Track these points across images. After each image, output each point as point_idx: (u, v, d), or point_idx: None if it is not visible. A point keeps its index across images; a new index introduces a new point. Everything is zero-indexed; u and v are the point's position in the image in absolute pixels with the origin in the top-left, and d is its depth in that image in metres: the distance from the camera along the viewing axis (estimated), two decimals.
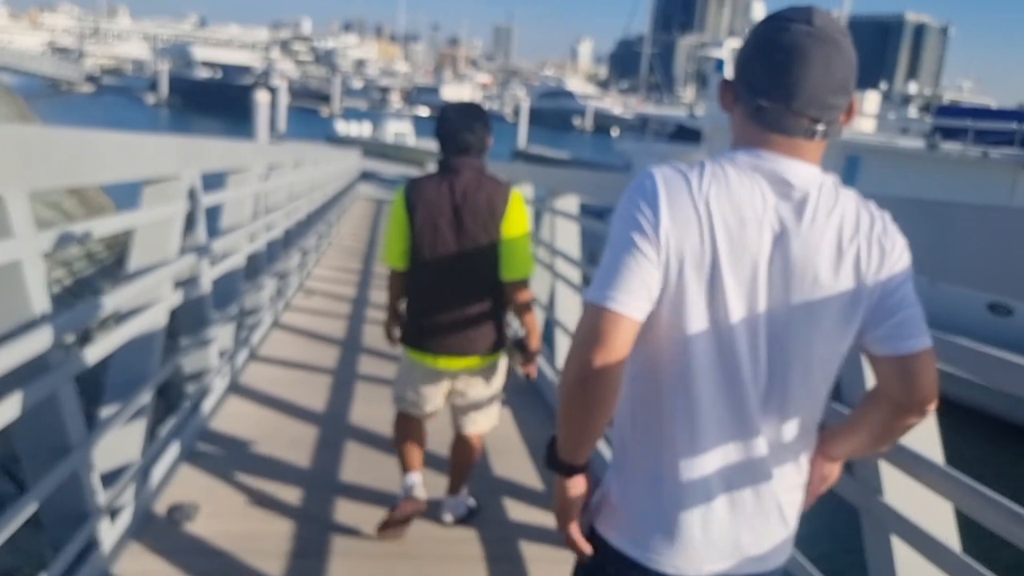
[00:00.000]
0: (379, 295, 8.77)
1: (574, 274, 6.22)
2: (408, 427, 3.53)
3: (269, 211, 6.74)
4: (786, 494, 1.54)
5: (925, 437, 2.22)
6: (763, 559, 1.54)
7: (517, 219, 3.28)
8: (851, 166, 20.38)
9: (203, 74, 75.92)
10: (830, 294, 1.40)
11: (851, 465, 2.33)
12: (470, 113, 3.32)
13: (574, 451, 1.50)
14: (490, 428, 3.57)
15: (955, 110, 23.07)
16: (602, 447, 4.00)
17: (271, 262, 6.84)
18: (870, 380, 2.27)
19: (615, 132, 55.26)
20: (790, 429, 1.50)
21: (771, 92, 1.41)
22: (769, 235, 1.38)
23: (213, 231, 5.06)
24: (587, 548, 1.58)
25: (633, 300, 1.36)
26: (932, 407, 1.47)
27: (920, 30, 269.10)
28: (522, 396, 5.56)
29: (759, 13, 29.92)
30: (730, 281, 1.38)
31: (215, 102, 64.74)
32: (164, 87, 77.72)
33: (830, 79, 1.38)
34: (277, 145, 14.14)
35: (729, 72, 1.57)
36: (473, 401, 3.45)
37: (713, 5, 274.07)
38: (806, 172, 1.41)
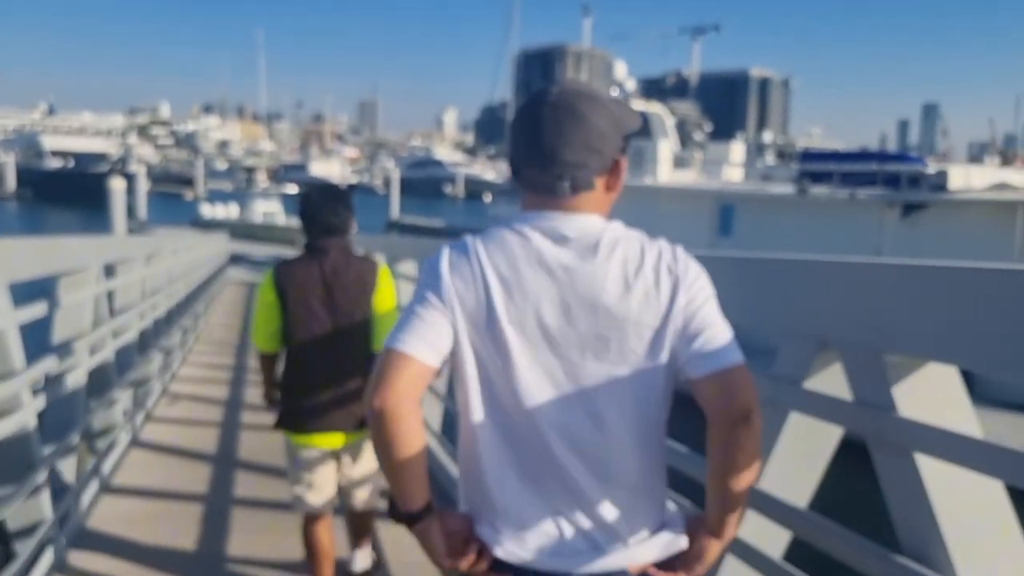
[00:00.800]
0: (254, 393, 7.87)
1: None
2: (314, 535, 3.50)
3: (117, 313, 5.85)
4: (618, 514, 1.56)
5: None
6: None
7: (387, 293, 3.46)
8: (726, 215, 20.70)
9: (54, 164, 72.22)
10: (624, 325, 1.49)
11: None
12: (333, 196, 3.45)
13: (401, 496, 1.52)
14: (376, 500, 3.63)
15: (818, 155, 23.92)
16: None
17: (124, 371, 5.87)
18: None
19: (488, 198, 55.49)
20: (623, 460, 1.54)
21: (519, 158, 1.57)
22: (548, 281, 1.49)
23: (41, 347, 4.20)
24: (482, 566, 1.58)
25: (418, 342, 1.48)
26: (755, 417, 1.48)
27: (765, 84, 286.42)
28: None
29: (621, 72, 30.59)
30: (510, 327, 1.50)
31: (69, 193, 61.24)
32: (11, 180, 73.45)
33: (564, 139, 1.50)
34: (127, 237, 13.07)
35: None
36: (358, 477, 3.51)
37: (571, 68, 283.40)
38: (582, 222, 1.53)
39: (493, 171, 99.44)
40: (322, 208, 3.38)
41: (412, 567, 3.97)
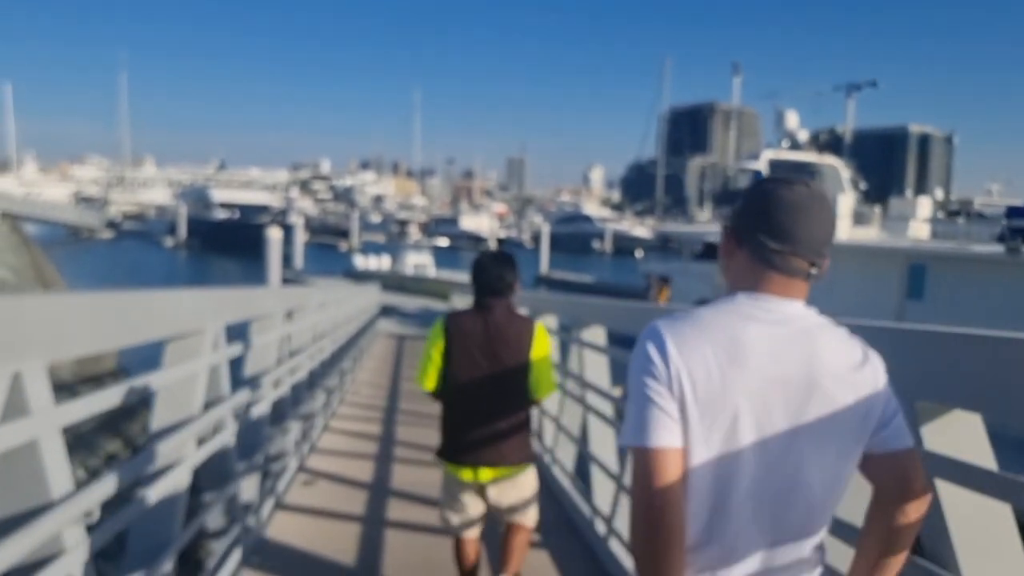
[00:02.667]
0: (407, 473, 6.85)
1: (606, 407, 5.95)
2: (462, 552, 3.92)
3: (293, 354, 6.26)
4: None
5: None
6: None
7: (541, 348, 3.83)
8: (916, 276, 18.50)
9: (221, 215, 75.93)
10: (837, 412, 1.57)
11: None
12: (501, 261, 3.84)
13: None
14: (533, 523, 3.96)
15: None
16: None
17: (296, 406, 6.34)
18: None
19: (639, 253, 53.97)
20: (816, 535, 1.64)
21: (780, 237, 1.60)
22: (771, 366, 1.55)
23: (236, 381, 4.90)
24: None
25: (663, 431, 1.53)
26: (926, 495, 1.66)
27: (925, 140, 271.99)
28: (560, 539, 5.22)
29: (792, 121, 28.78)
30: (742, 413, 1.54)
31: (233, 242, 63.92)
32: (183, 230, 77.87)
33: (823, 231, 1.62)
34: (301, 288, 13.32)
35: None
36: (509, 506, 3.83)
37: (719, 128, 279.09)
38: (797, 309, 1.63)
39: (642, 227, 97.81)
40: (492, 272, 3.80)
41: None
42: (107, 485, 2.59)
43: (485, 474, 3.74)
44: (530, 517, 3.93)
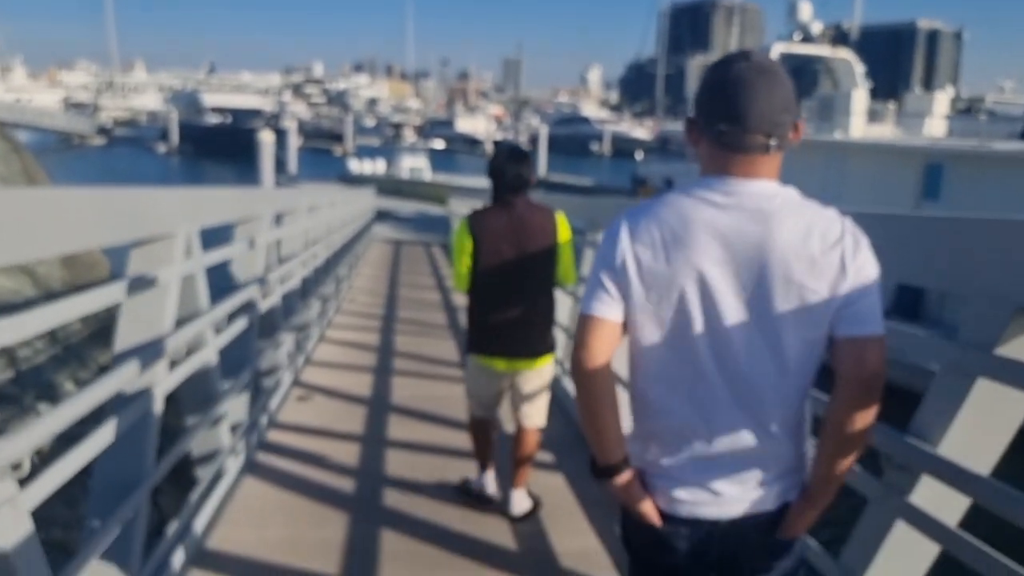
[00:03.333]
0: (409, 386, 6.44)
1: None
2: (479, 428, 4.14)
3: (284, 261, 5.96)
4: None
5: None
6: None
7: (564, 236, 3.94)
8: (932, 175, 17.83)
9: (213, 120, 74.21)
10: (791, 292, 1.58)
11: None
12: (518, 157, 3.90)
13: (602, 451, 1.74)
14: (543, 422, 4.10)
15: None
16: None
17: (288, 316, 5.96)
18: None
19: (639, 155, 52.94)
20: (769, 418, 1.66)
21: (728, 117, 1.61)
22: (721, 244, 1.59)
23: (218, 290, 4.40)
24: (657, 521, 1.74)
25: (605, 306, 1.67)
26: (880, 384, 1.60)
27: (933, 36, 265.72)
28: (575, 460, 4.89)
29: (806, 13, 27.47)
30: (689, 292, 1.61)
31: (226, 147, 62.68)
32: (175, 135, 76.28)
33: (773, 100, 1.60)
34: (290, 189, 12.72)
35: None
36: (527, 395, 4.00)
37: (721, 24, 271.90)
38: (762, 187, 1.63)
39: (641, 128, 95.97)
40: (509, 168, 3.82)
41: (565, 512, 4.20)
42: (42, 428, 2.06)
43: (513, 365, 3.90)
44: (542, 413, 4.09)
